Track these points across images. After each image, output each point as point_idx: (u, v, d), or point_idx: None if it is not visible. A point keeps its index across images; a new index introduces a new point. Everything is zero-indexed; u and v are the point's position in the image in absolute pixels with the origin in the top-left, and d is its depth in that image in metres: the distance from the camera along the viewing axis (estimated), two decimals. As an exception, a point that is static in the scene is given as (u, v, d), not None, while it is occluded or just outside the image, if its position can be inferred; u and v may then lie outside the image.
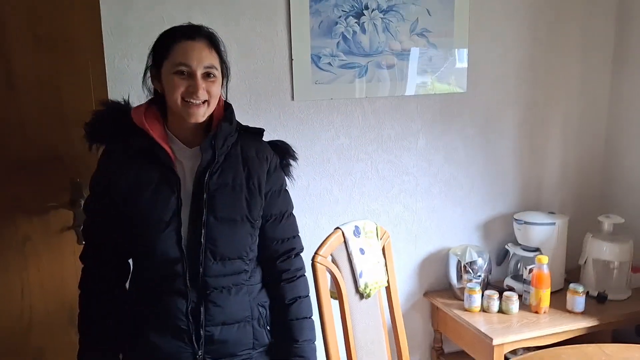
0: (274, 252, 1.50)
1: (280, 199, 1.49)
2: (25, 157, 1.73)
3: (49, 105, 1.73)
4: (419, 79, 2.32)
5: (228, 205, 1.39)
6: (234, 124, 1.44)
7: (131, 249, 1.44)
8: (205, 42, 1.35)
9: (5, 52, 1.66)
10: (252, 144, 1.47)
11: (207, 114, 1.37)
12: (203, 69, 1.33)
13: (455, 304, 2.38)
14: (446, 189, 2.47)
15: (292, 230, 1.53)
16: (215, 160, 1.38)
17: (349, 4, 2.13)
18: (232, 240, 1.40)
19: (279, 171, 1.50)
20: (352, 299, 1.86)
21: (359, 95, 2.23)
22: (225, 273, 1.40)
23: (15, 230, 1.75)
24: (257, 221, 1.44)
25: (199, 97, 1.33)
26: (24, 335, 1.81)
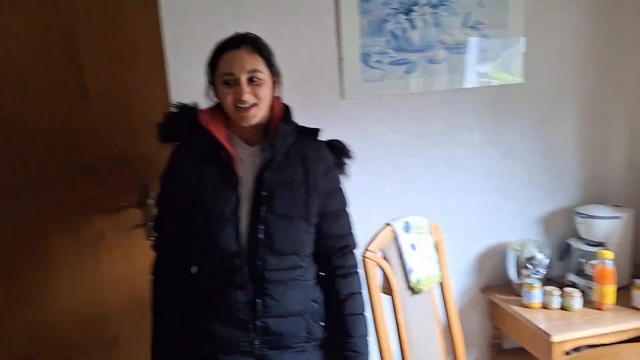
0: (330, 249, 1.55)
1: (336, 197, 1.55)
2: (98, 161, 1.87)
3: (118, 113, 1.87)
4: (471, 72, 2.30)
5: (286, 202, 1.45)
6: (292, 124, 1.51)
7: (194, 242, 1.50)
8: (247, 48, 1.42)
9: (78, 64, 1.81)
10: (310, 143, 1.53)
11: (259, 116, 1.44)
12: (246, 74, 1.41)
13: (514, 300, 2.34)
14: (502, 183, 2.43)
15: (347, 227, 1.58)
16: (275, 159, 1.46)
17: (399, 1, 2.14)
18: (289, 236, 1.46)
19: (334, 170, 1.55)
20: (404, 294, 1.88)
21: (409, 91, 2.24)
22: (282, 268, 1.46)
23: (90, 228, 1.91)
24: (314, 218, 1.50)
25: (246, 101, 1.40)
26: (100, 326, 1.97)
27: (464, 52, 2.27)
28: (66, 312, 1.94)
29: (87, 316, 1.95)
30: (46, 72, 1.79)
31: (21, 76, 1.78)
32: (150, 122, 1.88)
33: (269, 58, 1.46)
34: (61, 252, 1.90)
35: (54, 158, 1.84)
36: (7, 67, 1.76)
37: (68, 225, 1.89)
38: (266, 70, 1.44)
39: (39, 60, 1.78)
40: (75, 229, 1.90)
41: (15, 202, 1.83)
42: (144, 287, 1.97)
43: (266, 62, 1.45)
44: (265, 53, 1.45)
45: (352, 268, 1.57)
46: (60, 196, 1.86)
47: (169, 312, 1.55)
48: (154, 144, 1.89)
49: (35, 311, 1.90)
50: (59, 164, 1.85)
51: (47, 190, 1.85)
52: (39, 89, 1.79)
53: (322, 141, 1.57)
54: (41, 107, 1.81)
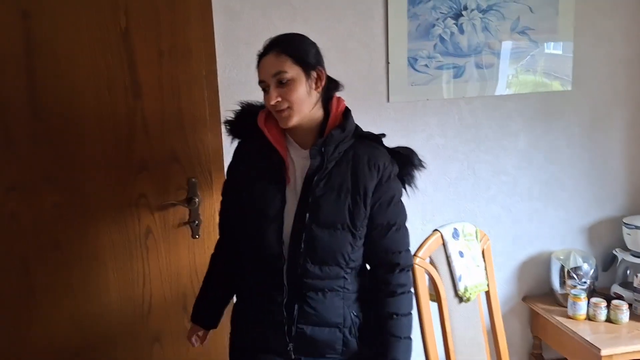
0: (377, 263, 1.49)
1: (389, 210, 1.46)
2: (149, 159, 1.90)
3: (169, 112, 1.90)
4: (519, 78, 2.27)
5: (331, 211, 1.41)
6: (347, 131, 1.44)
7: (243, 235, 1.53)
8: (274, 52, 1.40)
9: (133, 64, 1.84)
10: (367, 151, 1.46)
11: (297, 119, 1.41)
12: (273, 78, 1.39)
13: (557, 311, 2.30)
14: (548, 190, 2.39)
15: (398, 243, 1.48)
16: (324, 167, 1.42)
17: (447, 6, 2.14)
18: (331, 246, 1.42)
19: (392, 181, 1.46)
20: (451, 302, 1.86)
21: (456, 96, 2.22)
22: (322, 277, 1.43)
23: (138, 224, 1.94)
24: (360, 230, 1.44)
25: (275, 106, 1.39)
26: (144, 319, 2.00)
27: (512, 57, 2.24)
28: (111, 306, 1.97)
29: (131, 311, 1.98)
30: (104, 71, 1.83)
31: (81, 75, 1.82)
32: (198, 121, 1.93)
33: (297, 55, 1.40)
34: (109, 247, 1.93)
35: (109, 155, 1.88)
36: (67, 66, 1.80)
37: (118, 220, 1.92)
38: (295, 67, 1.39)
39: (97, 59, 1.82)
40: (124, 225, 1.93)
41: (69, 196, 1.87)
42: (186, 284, 2.01)
43: (294, 59, 1.39)
44: (292, 50, 1.40)
45: (400, 287, 1.47)
46: (112, 192, 1.90)
47: (215, 285, 1.65)
48: (201, 143, 1.94)
49: (81, 304, 1.94)
50: (113, 161, 1.88)
51: (101, 185, 1.89)
52: (97, 88, 1.83)
53: (385, 148, 1.50)
54: (99, 105, 1.85)
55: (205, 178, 1.96)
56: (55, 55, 1.79)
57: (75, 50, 1.80)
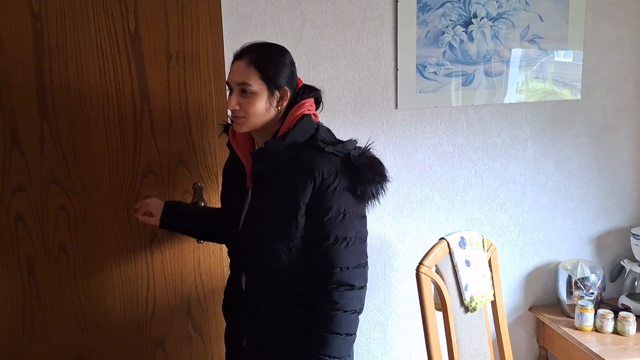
0: (314, 276, 1.43)
1: (323, 223, 1.38)
2: (155, 162, 1.90)
3: (176, 115, 1.89)
4: (528, 86, 2.26)
5: (266, 221, 1.45)
6: (287, 140, 1.41)
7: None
8: (246, 60, 1.42)
9: (141, 68, 1.84)
10: (310, 160, 1.39)
11: (249, 127, 1.45)
12: (237, 86, 1.42)
13: (563, 321, 2.28)
14: (556, 200, 2.37)
15: (333, 259, 1.39)
16: (264, 175, 1.45)
17: (457, 13, 2.13)
18: (266, 255, 1.46)
19: (333, 192, 1.37)
20: (457, 312, 1.85)
21: (464, 103, 2.21)
22: (266, 281, 1.49)
23: (144, 228, 1.93)
24: (295, 241, 1.42)
25: (233, 112, 1.44)
26: (148, 324, 1.99)
27: (522, 65, 2.23)
28: (115, 310, 1.96)
29: (134, 315, 1.98)
30: (112, 74, 1.83)
31: (89, 78, 1.82)
32: (205, 125, 1.93)
33: (266, 72, 1.40)
34: (114, 250, 1.93)
35: (116, 158, 1.88)
36: (76, 68, 1.81)
37: (123, 224, 1.92)
38: (260, 83, 1.40)
39: (105, 62, 1.82)
40: (129, 228, 1.93)
41: (75, 199, 1.87)
42: (191, 289, 2.00)
43: (262, 75, 1.40)
44: (263, 66, 1.40)
45: (331, 305, 1.38)
46: (118, 195, 1.90)
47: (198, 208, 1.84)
48: (208, 147, 1.94)
49: (85, 307, 1.94)
50: (120, 164, 1.88)
51: (107, 188, 1.89)
52: (105, 90, 1.83)
53: (335, 158, 1.40)
54: (107, 108, 1.85)
55: (211, 183, 1.95)
56: (64, 58, 1.79)
57: (84, 52, 1.80)
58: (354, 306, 1.40)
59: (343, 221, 1.39)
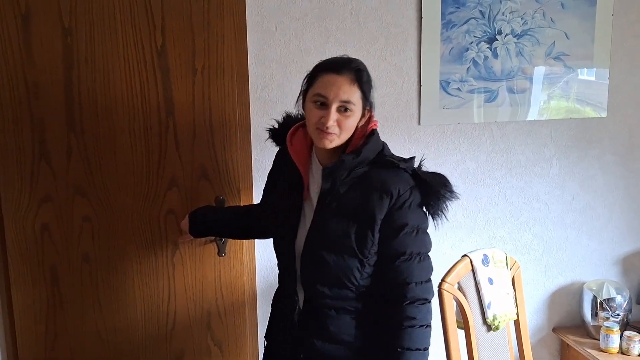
0: (386, 292, 1.41)
1: (398, 239, 1.38)
2: (179, 176, 1.92)
3: (200, 129, 1.91)
4: (553, 103, 2.23)
5: (338, 236, 1.40)
6: (362, 156, 1.40)
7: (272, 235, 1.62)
8: (349, 77, 1.37)
9: (167, 82, 1.87)
10: (383, 176, 1.40)
11: (336, 144, 1.40)
12: (339, 103, 1.36)
13: (588, 343, 2.23)
14: (581, 219, 2.33)
15: (408, 274, 1.39)
16: (335, 190, 1.41)
17: (482, 30, 2.12)
18: (338, 271, 1.40)
19: (408, 209, 1.39)
20: (479, 330, 1.82)
21: (487, 120, 2.19)
22: (332, 297, 1.42)
23: (166, 241, 1.95)
24: (369, 257, 1.40)
25: (329, 128, 1.36)
26: (168, 336, 2.00)
27: (546, 82, 2.21)
28: (136, 321, 1.97)
29: (155, 327, 1.99)
30: (138, 88, 1.86)
31: (116, 91, 1.85)
32: (229, 139, 1.94)
33: (366, 92, 1.41)
34: (136, 262, 1.94)
35: (140, 171, 1.90)
36: (103, 82, 1.84)
37: (145, 236, 1.93)
38: (360, 103, 1.40)
39: (132, 76, 1.85)
40: (152, 241, 1.94)
41: (99, 210, 1.90)
42: (211, 302, 2.00)
43: (363, 94, 1.40)
44: (365, 86, 1.40)
45: (408, 320, 1.37)
46: (141, 207, 1.91)
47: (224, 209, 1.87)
48: (231, 161, 1.95)
49: (107, 317, 1.95)
50: (144, 177, 1.90)
51: (130, 200, 1.91)
52: (132, 104, 1.86)
53: (413, 174, 1.42)
54: (133, 121, 1.88)
55: (233, 196, 1.96)
56: (93, 71, 1.83)
57: (111, 66, 1.84)
58: (428, 320, 1.42)
59: (417, 237, 1.41)
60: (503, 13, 2.13)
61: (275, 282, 1.61)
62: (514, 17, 2.14)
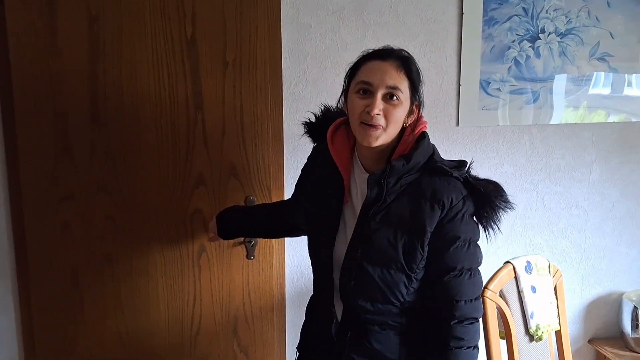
0: (433, 310, 1.32)
1: (449, 253, 1.28)
2: (207, 174, 1.83)
3: (230, 126, 1.82)
4: (596, 106, 2.14)
5: (384, 249, 1.29)
6: (412, 162, 1.28)
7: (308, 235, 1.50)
8: (395, 63, 1.27)
9: (196, 75, 1.78)
10: (434, 184, 1.29)
11: (382, 140, 1.27)
12: (385, 89, 1.25)
13: (628, 356, 2.14)
14: (621, 227, 2.24)
15: (458, 292, 1.28)
16: (382, 199, 1.29)
17: (524, 28, 2.03)
18: (382, 286, 1.30)
19: (460, 221, 1.28)
20: (522, 341, 1.73)
21: (528, 122, 2.10)
22: (374, 312, 1.32)
23: (192, 242, 1.86)
24: (417, 272, 1.30)
25: (374, 117, 1.24)
26: (192, 341, 1.91)
27: (589, 84, 2.12)
28: (159, 325, 1.89)
29: (179, 331, 1.90)
30: (166, 80, 1.77)
31: (143, 84, 1.76)
32: (260, 137, 1.85)
33: (415, 82, 1.30)
34: (160, 263, 1.86)
35: (166, 168, 1.81)
36: (130, 73, 1.75)
37: (171, 236, 1.85)
38: (408, 92, 1.28)
39: (160, 68, 1.76)
40: (177, 241, 1.86)
41: (123, 208, 1.81)
42: (238, 306, 1.92)
43: (411, 84, 1.29)
44: (413, 75, 1.29)
45: (455, 341, 1.28)
46: (167, 206, 1.83)
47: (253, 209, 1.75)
48: (262, 160, 1.86)
49: (129, 320, 1.87)
50: (170, 174, 1.82)
51: (155, 199, 1.82)
52: (158, 97, 1.77)
53: (465, 182, 1.31)
54: (159, 115, 1.79)
55: (264, 197, 1.87)
56: (119, 62, 1.74)
57: (138, 57, 1.75)
58: (476, 340, 1.31)
59: (468, 251, 1.29)
60: (547, 11, 2.04)
61: (305, 288, 1.53)
62: (557, 15, 2.05)
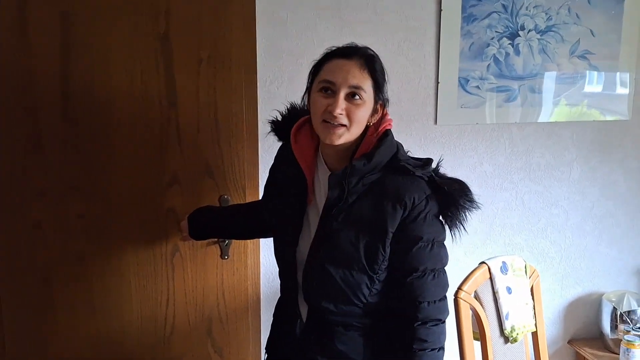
0: (396, 311, 1.30)
1: (411, 253, 1.26)
2: (180, 172, 1.81)
3: (204, 123, 1.80)
4: (576, 104, 2.13)
5: (346, 250, 1.27)
6: (374, 162, 1.26)
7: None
8: (359, 61, 1.25)
9: (170, 71, 1.75)
10: (397, 183, 1.27)
11: (345, 139, 1.26)
12: (348, 89, 1.23)
13: (607, 357, 2.14)
14: (601, 226, 2.23)
15: (421, 293, 1.26)
16: (343, 199, 1.27)
17: (504, 25, 2.01)
18: (345, 287, 1.28)
19: (423, 221, 1.26)
20: (496, 342, 1.72)
21: (507, 121, 2.09)
22: (338, 313, 1.31)
23: (166, 242, 1.84)
24: (379, 273, 1.28)
25: (336, 117, 1.22)
26: (166, 342, 1.89)
27: (569, 82, 2.11)
28: (132, 326, 1.86)
29: (152, 332, 1.88)
30: (139, 77, 1.74)
31: (115, 80, 1.73)
32: (235, 135, 1.83)
33: (379, 81, 1.28)
34: (133, 263, 1.83)
35: (140, 166, 1.78)
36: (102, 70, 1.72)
37: (144, 235, 1.82)
38: (371, 92, 1.26)
39: (133, 64, 1.73)
40: (151, 241, 1.83)
41: (95, 207, 1.78)
42: (212, 307, 1.89)
43: (375, 84, 1.27)
44: (377, 74, 1.27)
45: (418, 343, 1.26)
46: (140, 205, 1.80)
47: (224, 213, 1.73)
48: (237, 159, 1.84)
49: (101, 321, 1.84)
50: (143, 173, 1.79)
51: (128, 197, 1.79)
52: (131, 94, 1.75)
53: (429, 181, 1.29)
54: (132, 113, 1.76)
55: (238, 196, 1.85)
56: (91, 59, 1.71)
57: (111, 54, 1.72)
58: (441, 342, 1.29)
59: (432, 251, 1.28)
60: (526, 7, 2.02)
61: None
62: (537, 12, 2.03)
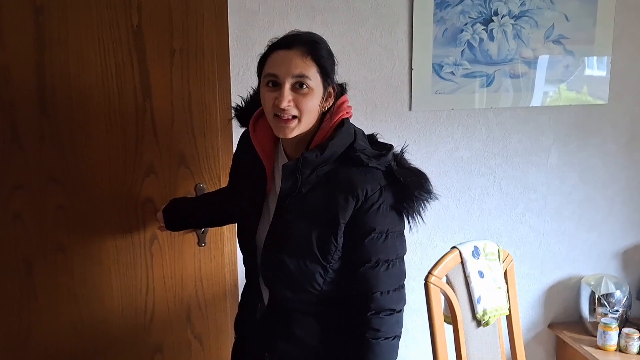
0: (351, 300, 1.30)
1: (364, 245, 1.25)
2: (156, 163, 1.83)
3: (179, 114, 1.83)
4: (551, 89, 2.13)
5: (299, 241, 1.27)
6: (327, 152, 1.25)
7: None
8: (300, 50, 1.22)
9: (144, 64, 1.78)
10: (350, 174, 1.25)
11: (299, 131, 1.25)
12: (292, 79, 1.21)
13: (585, 340, 2.15)
14: (580, 211, 2.24)
15: (374, 283, 1.26)
16: (297, 191, 1.27)
17: (477, 11, 2.02)
18: (299, 276, 1.29)
19: (376, 212, 1.24)
20: (468, 326, 1.74)
21: (483, 106, 2.10)
22: (295, 300, 1.32)
23: (144, 230, 1.87)
24: (332, 263, 1.28)
25: (284, 109, 1.21)
26: (146, 328, 1.92)
27: (545, 67, 2.11)
28: (113, 313, 1.90)
29: (132, 319, 1.91)
30: (114, 70, 1.77)
31: (90, 74, 1.76)
32: (209, 125, 1.85)
33: (324, 66, 1.25)
34: (113, 252, 1.87)
35: (116, 157, 1.82)
36: (77, 63, 1.75)
37: (122, 225, 1.86)
38: (318, 78, 1.24)
39: (107, 58, 1.76)
40: (129, 230, 1.87)
41: (74, 198, 1.82)
42: (191, 293, 1.93)
43: (320, 69, 1.24)
44: (321, 60, 1.24)
45: (372, 332, 1.26)
46: (118, 195, 1.83)
47: (192, 204, 1.74)
48: (211, 148, 1.86)
49: (82, 309, 1.88)
50: (120, 164, 1.82)
51: (106, 188, 1.82)
52: (106, 87, 1.77)
53: (379, 173, 1.26)
54: (108, 105, 1.79)
55: (214, 184, 1.88)
56: (66, 53, 1.74)
57: (85, 47, 1.74)
58: (395, 331, 1.30)
59: (385, 242, 1.26)
60: (500, -7, 2.02)
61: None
62: (511, -3, 2.04)
